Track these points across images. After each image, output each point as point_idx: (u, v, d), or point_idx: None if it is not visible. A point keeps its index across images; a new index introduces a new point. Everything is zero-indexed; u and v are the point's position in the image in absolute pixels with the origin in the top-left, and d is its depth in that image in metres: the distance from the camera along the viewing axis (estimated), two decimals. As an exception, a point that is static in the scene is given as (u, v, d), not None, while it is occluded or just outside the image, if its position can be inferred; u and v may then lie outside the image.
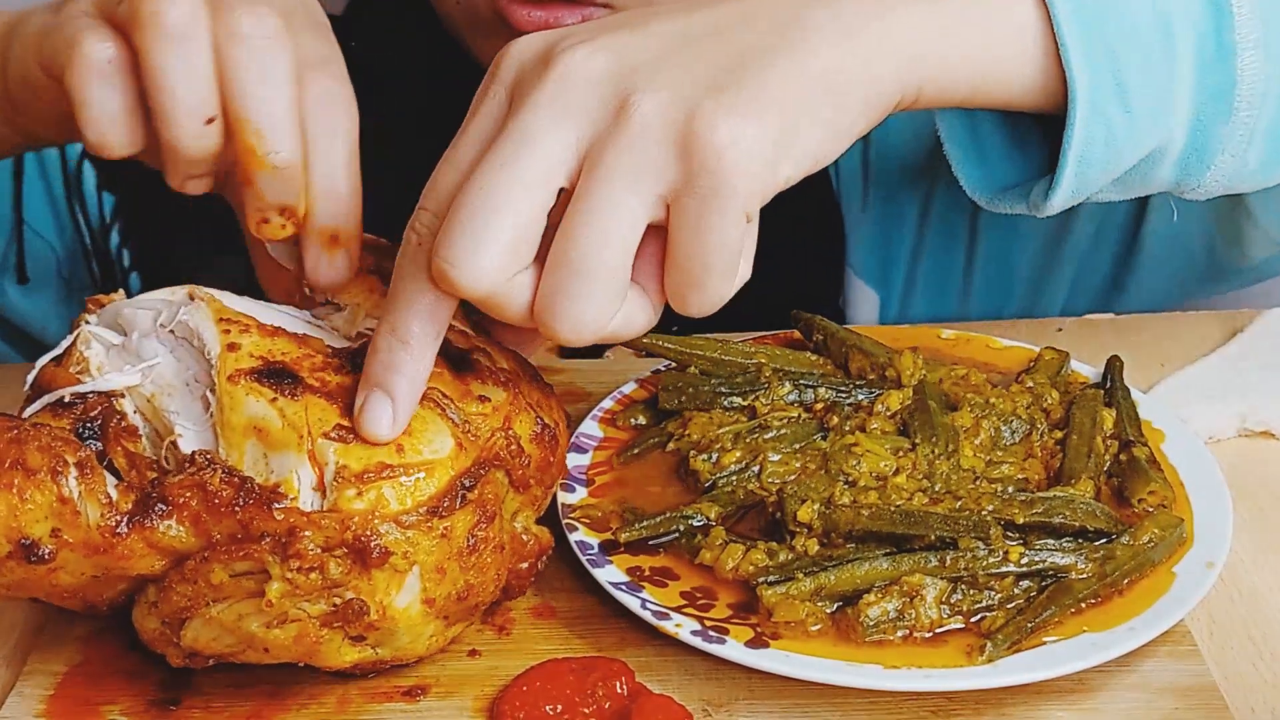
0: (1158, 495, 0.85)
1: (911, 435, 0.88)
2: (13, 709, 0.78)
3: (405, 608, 0.74)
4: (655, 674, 0.78)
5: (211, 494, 0.71)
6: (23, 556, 0.71)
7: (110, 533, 0.72)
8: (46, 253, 1.21)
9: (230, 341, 0.75)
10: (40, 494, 0.71)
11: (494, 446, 0.77)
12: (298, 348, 0.77)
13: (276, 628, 0.73)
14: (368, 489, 0.72)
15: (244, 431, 0.73)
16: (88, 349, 0.78)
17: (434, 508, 0.73)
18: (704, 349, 0.97)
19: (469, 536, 0.75)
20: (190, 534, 0.72)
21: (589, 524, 0.86)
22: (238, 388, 0.73)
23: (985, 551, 0.80)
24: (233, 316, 0.77)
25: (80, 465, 0.72)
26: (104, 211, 1.20)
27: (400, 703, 0.78)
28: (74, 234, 1.21)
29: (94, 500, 0.72)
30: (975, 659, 0.76)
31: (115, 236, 1.20)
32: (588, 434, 0.94)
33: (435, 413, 0.75)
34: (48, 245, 1.21)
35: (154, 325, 0.78)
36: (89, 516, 0.72)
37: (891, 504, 0.83)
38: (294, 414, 0.73)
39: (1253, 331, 1.08)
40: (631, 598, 0.80)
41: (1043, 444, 0.90)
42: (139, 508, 0.72)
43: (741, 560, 0.82)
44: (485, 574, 0.76)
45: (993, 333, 1.04)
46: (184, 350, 0.77)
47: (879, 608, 0.78)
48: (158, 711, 0.77)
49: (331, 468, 0.72)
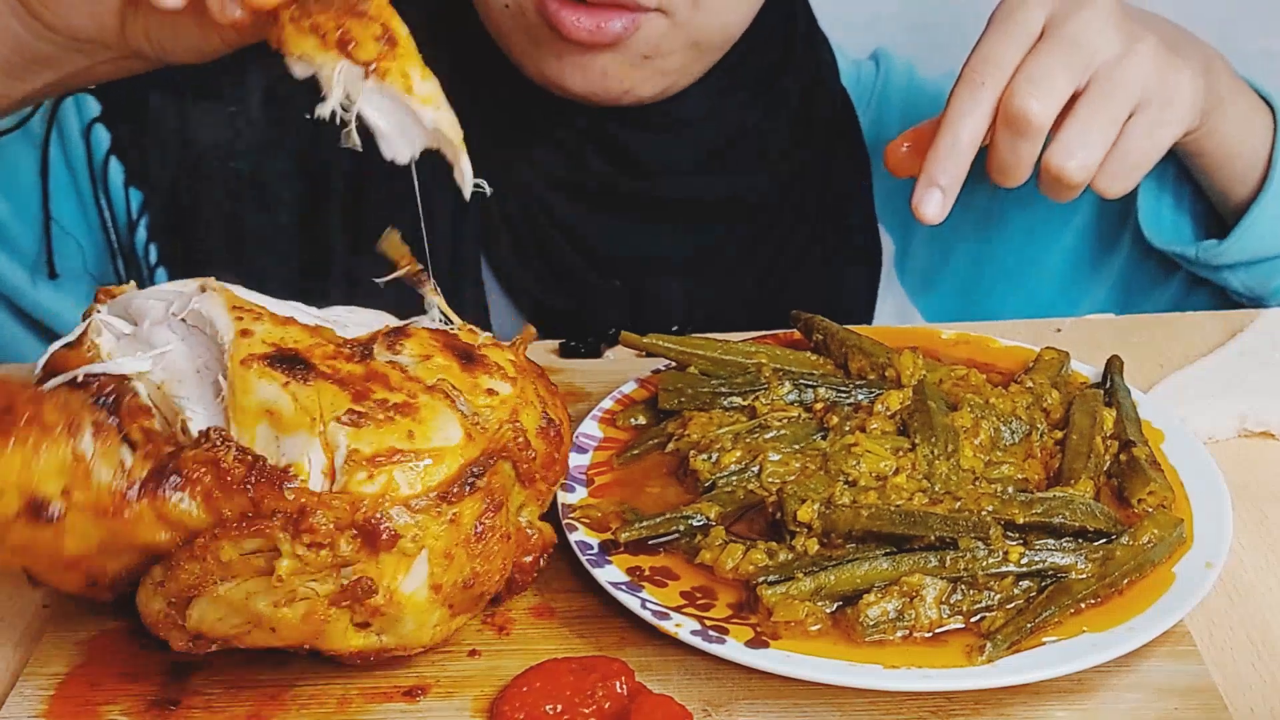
0: (1157, 496, 0.85)
1: (911, 435, 0.88)
2: (13, 709, 0.78)
3: (412, 593, 0.74)
4: (655, 674, 0.78)
5: (225, 470, 0.72)
6: (32, 514, 0.71)
7: (120, 497, 0.72)
8: (74, 249, 1.22)
9: (243, 328, 0.76)
10: (55, 450, 0.71)
11: (502, 438, 0.77)
12: (309, 336, 0.77)
13: (285, 606, 0.73)
14: (379, 472, 0.72)
15: (256, 414, 0.73)
16: (99, 336, 0.78)
17: (444, 493, 0.74)
18: (704, 349, 0.97)
19: (477, 524, 0.75)
20: (201, 509, 0.73)
21: (589, 524, 0.86)
22: (250, 371, 0.74)
23: (985, 552, 0.80)
24: (245, 305, 0.78)
25: (97, 425, 0.72)
26: (130, 208, 1.21)
27: (400, 703, 0.78)
28: (101, 230, 1.22)
29: (108, 461, 0.72)
30: (975, 659, 0.76)
31: (142, 233, 1.21)
32: (588, 434, 0.94)
33: (445, 403, 0.76)
34: (75, 242, 1.22)
35: (165, 314, 0.79)
36: (101, 476, 0.71)
37: (891, 504, 0.83)
38: (306, 398, 0.73)
39: (1253, 331, 1.08)
40: (631, 598, 0.80)
41: (1042, 444, 0.90)
42: (153, 476, 0.72)
43: (741, 560, 0.82)
44: (491, 562, 0.77)
45: (993, 333, 1.04)
46: (195, 338, 0.78)
47: (879, 608, 0.78)
48: (158, 712, 0.77)
49: (343, 451, 0.73)
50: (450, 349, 0.80)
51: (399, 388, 0.76)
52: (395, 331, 0.80)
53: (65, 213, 1.21)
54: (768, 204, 1.25)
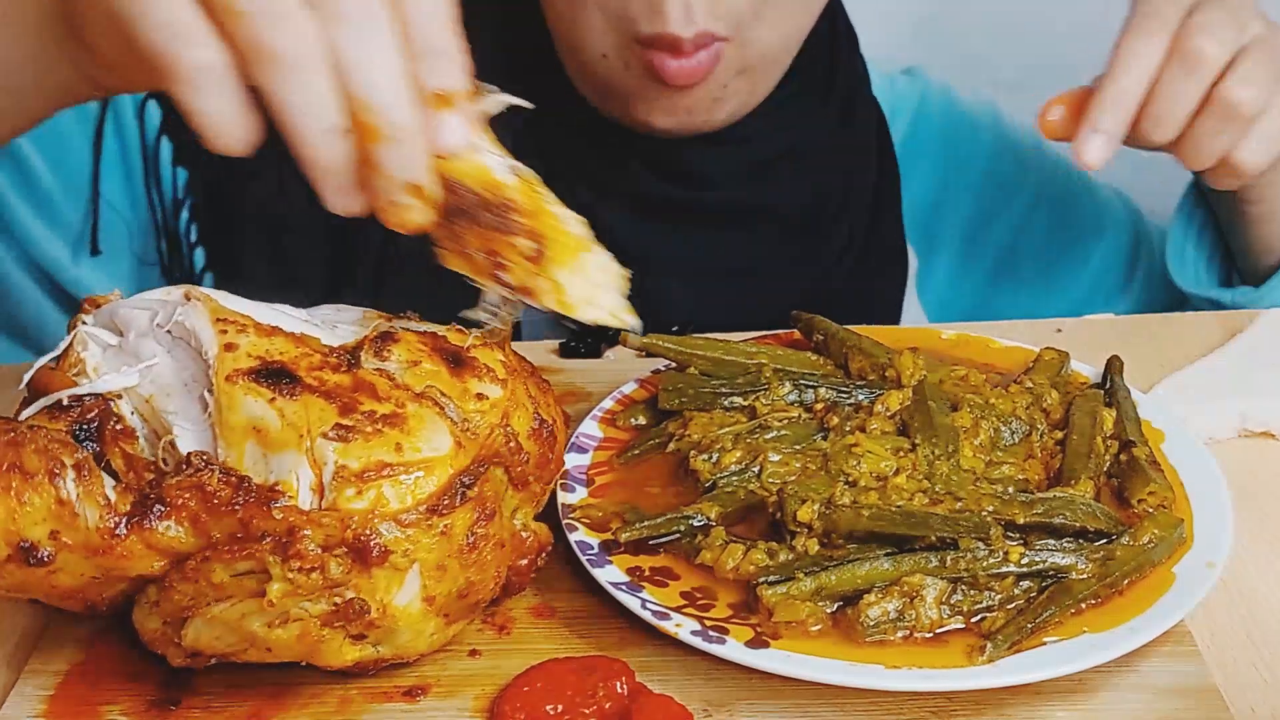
0: (1157, 496, 0.85)
1: (911, 435, 0.88)
2: (13, 709, 0.78)
3: (406, 606, 0.74)
4: (655, 674, 0.78)
5: (210, 494, 0.71)
6: (22, 559, 0.71)
7: (109, 534, 0.72)
8: (119, 226, 1.22)
9: (227, 341, 0.75)
10: (38, 497, 0.71)
11: (493, 444, 0.77)
12: (295, 346, 0.77)
13: (278, 627, 0.73)
14: (367, 488, 0.72)
15: (243, 432, 0.73)
16: (84, 350, 0.77)
17: (434, 506, 0.73)
18: (704, 349, 0.97)
19: (469, 534, 0.75)
20: (189, 534, 0.72)
21: (589, 524, 0.86)
22: (236, 388, 0.73)
23: (985, 552, 0.80)
24: (229, 316, 0.77)
25: (78, 467, 0.72)
26: (176, 186, 1.21)
27: (400, 703, 0.78)
28: (147, 208, 1.22)
29: (92, 502, 0.72)
30: (976, 659, 0.76)
31: (185, 212, 1.21)
32: (588, 434, 0.94)
33: (434, 411, 0.75)
34: (121, 219, 1.22)
35: (151, 325, 0.78)
36: (87, 518, 0.72)
37: (892, 504, 0.83)
38: (293, 414, 0.73)
39: (1253, 331, 1.08)
40: (631, 598, 0.80)
41: (1043, 444, 0.90)
42: (137, 509, 0.72)
43: (742, 560, 0.82)
44: (485, 571, 0.76)
45: (992, 333, 1.04)
46: (181, 350, 0.77)
47: (879, 608, 0.78)
48: (158, 712, 0.77)
49: (330, 467, 0.72)
50: (439, 353, 0.79)
51: (387, 397, 0.75)
52: (382, 337, 0.79)
53: (113, 189, 1.21)
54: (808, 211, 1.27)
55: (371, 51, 0.68)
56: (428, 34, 0.70)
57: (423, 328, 0.83)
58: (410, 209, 0.72)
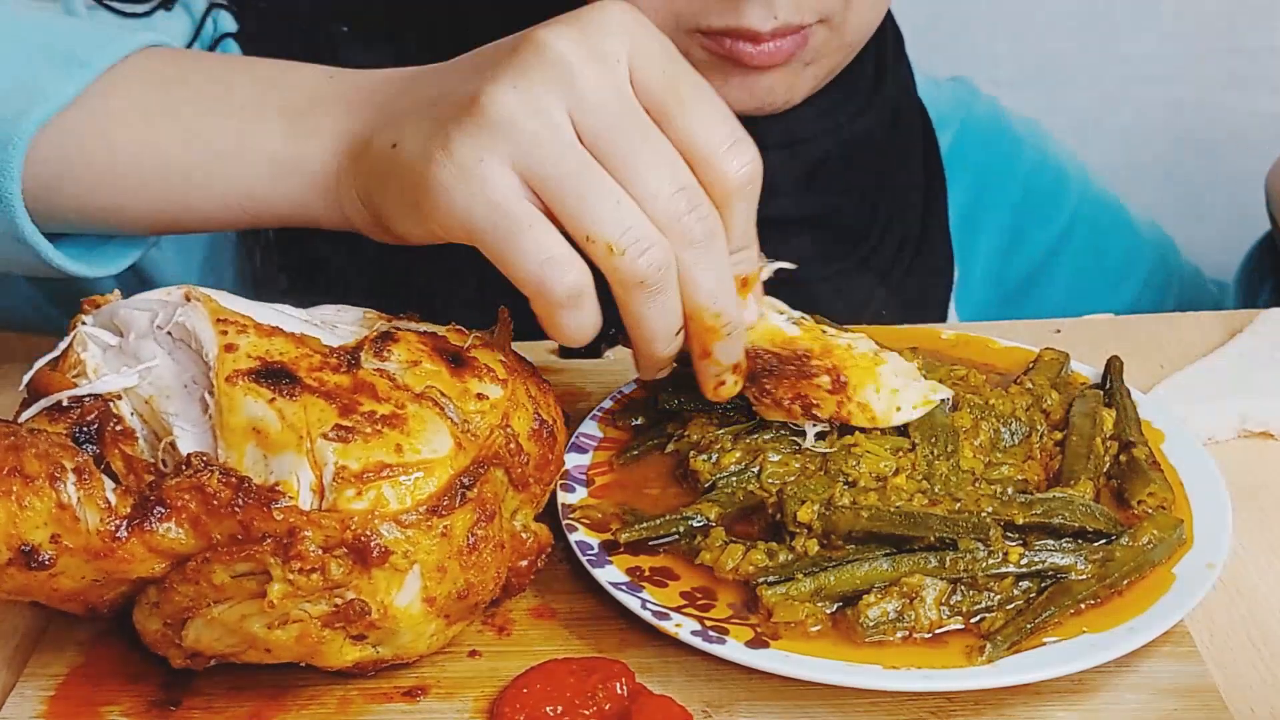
0: (1157, 496, 0.85)
1: (911, 436, 0.88)
2: (13, 710, 0.78)
3: (406, 607, 0.74)
4: (655, 675, 0.78)
5: (210, 495, 0.71)
6: (23, 563, 0.71)
7: (110, 537, 0.72)
8: None
9: (228, 342, 0.75)
10: (39, 501, 0.71)
11: (493, 444, 0.77)
12: (295, 347, 0.77)
13: (278, 628, 0.73)
14: (367, 489, 0.72)
15: (243, 433, 0.73)
16: (84, 351, 0.77)
17: (434, 507, 0.73)
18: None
19: (469, 535, 0.75)
20: (190, 535, 0.72)
21: (589, 524, 0.86)
22: (236, 389, 0.74)
23: (985, 552, 0.80)
24: (229, 317, 0.77)
25: (78, 471, 0.72)
26: None
27: (400, 703, 0.78)
28: None
29: (93, 505, 0.72)
30: (975, 659, 0.76)
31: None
32: (588, 434, 0.94)
33: (434, 411, 0.75)
34: None
35: (151, 326, 0.78)
36: (88, 522, 0.72)
37: (891, 505, 0.83)
38: (293, 414, 0.73)
39: (1252, 331, 1.08)
40: (631, 598, 0.80)
41: (1042, 445, 0.90)
42: (137, 511, 0.72)
43: (741, 561, 0.82)
44: (485, 572, 0.76)
45: (992, 333, 1.04)
46: (181, 351, 0.77)
47: (879, 608, 0.78)
48: (158, 712, 0.77)
49: (330, 468, 0.72)
50: (439, 353, 0.79)
51: (387, 398, 0.75)
52: (382, 337, 0.79)
53: None
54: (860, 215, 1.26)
55: (713, 266, 0.79)
56: (739, 235, 0.81)
57: (423, 328, 0.83)
58: (734, 384, 0.85)
